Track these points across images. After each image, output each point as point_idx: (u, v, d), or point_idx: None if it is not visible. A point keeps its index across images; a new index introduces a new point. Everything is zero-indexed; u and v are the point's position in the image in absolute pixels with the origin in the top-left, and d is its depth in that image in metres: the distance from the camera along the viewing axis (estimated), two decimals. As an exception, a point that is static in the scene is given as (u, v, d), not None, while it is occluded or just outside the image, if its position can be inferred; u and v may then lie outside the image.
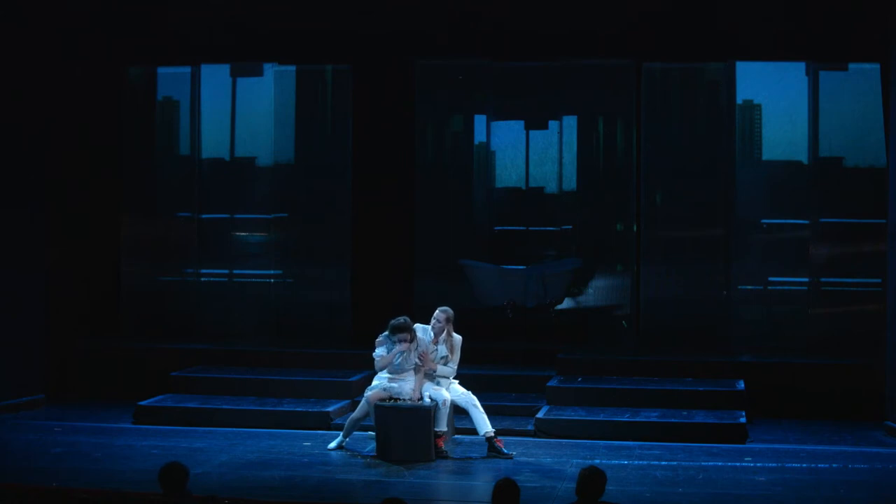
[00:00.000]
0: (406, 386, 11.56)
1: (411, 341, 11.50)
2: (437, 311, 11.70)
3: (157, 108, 16.04)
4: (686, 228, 14.94)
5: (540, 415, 12.64)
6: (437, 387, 11.59)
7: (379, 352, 11.62)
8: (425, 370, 11.61)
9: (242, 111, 15.82)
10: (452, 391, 11.67)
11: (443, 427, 11.44)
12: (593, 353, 14.51)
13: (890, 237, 12.79)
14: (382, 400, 11.47)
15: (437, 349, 11.67)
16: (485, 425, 11.49)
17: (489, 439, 11.48)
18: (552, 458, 11.43)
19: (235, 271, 15.96)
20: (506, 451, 11.40)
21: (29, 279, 13.74)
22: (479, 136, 15.77)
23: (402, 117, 15.52)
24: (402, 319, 11.50)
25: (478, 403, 11.59)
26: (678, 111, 15.08)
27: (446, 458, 11.31)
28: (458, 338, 11.75)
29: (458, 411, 11.77)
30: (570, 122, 15.47)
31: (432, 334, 11.67)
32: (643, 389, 13.26)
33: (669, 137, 14.95)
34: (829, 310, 14.59)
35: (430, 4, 14.35)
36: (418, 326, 11.69)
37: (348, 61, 15.39)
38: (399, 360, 11.56)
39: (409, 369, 11.63)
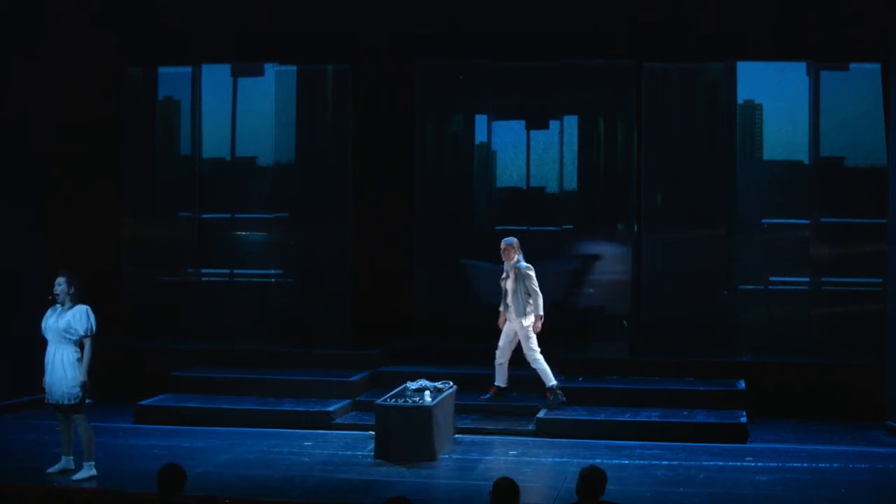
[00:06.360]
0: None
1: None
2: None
3: (157, 108, 16.00)
4: (686, 228, 14.90)
5: (540, 415, 12.64)
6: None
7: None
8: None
9: (243, 111, 15.78)
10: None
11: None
12: (593, 353, 14.51)
13: (890, 237, 12.79)
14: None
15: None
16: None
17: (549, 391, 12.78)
18: (552, 458, 11.44)
19: (235, 271, 15.92)
20: (562, 398, 12.80)
21: (29, 279, 13.73)
22: (480, 136, 15.75)
23: (402, 117, 15.50)
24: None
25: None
26: (678, 111, 15.04)
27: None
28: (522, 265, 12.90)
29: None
30: (571, 122, 15.44)
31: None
32: (643, 389, 13.27)
33: (669, 137, 14.91)
34: (830, 310, 14.55)
35: (431, 4, 14.34)
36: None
37: (348, 61, 15.35)
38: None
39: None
